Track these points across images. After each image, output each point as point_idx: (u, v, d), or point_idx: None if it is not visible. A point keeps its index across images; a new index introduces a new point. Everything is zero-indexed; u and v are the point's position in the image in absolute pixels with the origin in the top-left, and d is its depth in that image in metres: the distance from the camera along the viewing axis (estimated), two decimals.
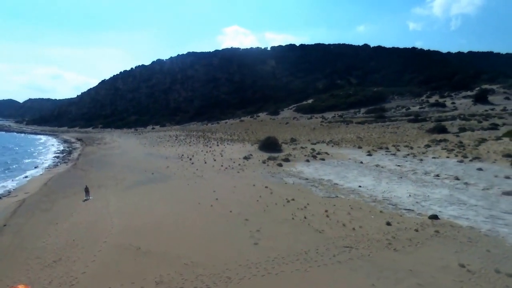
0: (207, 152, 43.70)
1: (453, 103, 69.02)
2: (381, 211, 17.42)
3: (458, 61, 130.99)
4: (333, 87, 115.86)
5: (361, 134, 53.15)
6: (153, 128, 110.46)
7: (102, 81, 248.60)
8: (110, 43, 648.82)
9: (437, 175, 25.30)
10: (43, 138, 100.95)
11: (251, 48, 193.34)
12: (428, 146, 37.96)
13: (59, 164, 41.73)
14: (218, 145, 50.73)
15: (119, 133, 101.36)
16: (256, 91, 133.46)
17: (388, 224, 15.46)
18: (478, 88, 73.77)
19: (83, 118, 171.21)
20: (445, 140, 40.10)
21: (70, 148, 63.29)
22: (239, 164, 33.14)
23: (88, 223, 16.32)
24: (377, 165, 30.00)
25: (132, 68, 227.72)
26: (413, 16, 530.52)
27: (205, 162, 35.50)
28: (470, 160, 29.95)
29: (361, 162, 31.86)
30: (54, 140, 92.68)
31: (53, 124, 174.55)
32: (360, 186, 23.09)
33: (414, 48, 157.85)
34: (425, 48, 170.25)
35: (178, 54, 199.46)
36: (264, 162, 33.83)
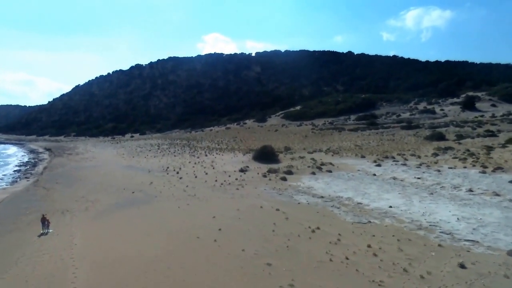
0: (195, 163, 38.78)
1: (442, 109, 68.35)
2: (439, 245, 13.50)
3: (437, 69, 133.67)
4: (320, 93, 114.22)
5: (358, 142, 50.09)
6: (132, 137, 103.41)
7: (76, 86, 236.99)
8: (86, 49, 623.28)
9: (470, 190, 21.98)
10: (7, 147, 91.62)
11: (235, 53, 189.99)
12: (435, 154, 35.13)
13: (18, 180, 35.40)
14: (206, 155, 45.91)
15: (94, 142, 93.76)
16: (242, 98, 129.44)
17: (462, 266, 11.54)
18: (464, 95, 73.94)
19: (54, 125, 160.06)
20: (450, 148, 37.47)
21: (36, 160, 56.12)
22: (236, 179, 28.61)
23: (39, 279, 11.20)
24: (394, 178, 26.46)
25: (109, 73, 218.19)
26: (387, 27, 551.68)
27: (196, 176, 30.67)
28: (493, 171, 27.12)
29: (374, 174, 28.24)
30: (19, 150, 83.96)
31: (20, 132, 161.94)
32: (390, 207, 19.24)
33: (395, 56, 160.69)
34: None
35: (159, 59, 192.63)
36: (264, 175, 29.48)
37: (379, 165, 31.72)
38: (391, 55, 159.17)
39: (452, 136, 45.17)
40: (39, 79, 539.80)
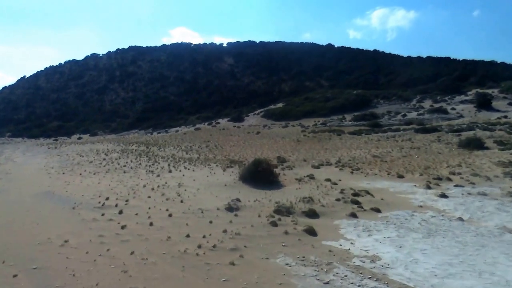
0: (153, 189, 25.03)
1: (453, 108, 61.00)
2: None
3: (423, 65, 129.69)
4: (302, 89, 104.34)
5: (373, 151, 39.48)
6: (79, 138, 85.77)
7: (22, 78, 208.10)
8: (43, 41, 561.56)
9: None
10: None
11: (205, 43, 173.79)
12: (509, 175, 25.08)
13: None
14: (170, 171, 32.62)
15: (28, 146, 75.14)
16: (213, 93, 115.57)
17: None
18: (471, 93, 67.58)
19: None
20: None
21: None
22: (225, 231, 15.61)
23: None
24: (511, 231, 15.42)
25: (60, 63, 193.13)
26: (353, 25, 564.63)
27: (151, 224, 17.08)
28: None
29: (461, 219, 17.03)
30: None
31: None
32: None
33: (376, 51, 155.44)
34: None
35: (118, 49, 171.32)
36: (274, 222, 16.92)
37: (444, 196, 20.65)
38: (372, 50, 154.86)
39: (490, 143, 36.25)
40: None
